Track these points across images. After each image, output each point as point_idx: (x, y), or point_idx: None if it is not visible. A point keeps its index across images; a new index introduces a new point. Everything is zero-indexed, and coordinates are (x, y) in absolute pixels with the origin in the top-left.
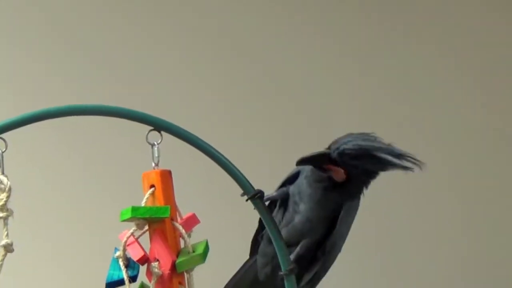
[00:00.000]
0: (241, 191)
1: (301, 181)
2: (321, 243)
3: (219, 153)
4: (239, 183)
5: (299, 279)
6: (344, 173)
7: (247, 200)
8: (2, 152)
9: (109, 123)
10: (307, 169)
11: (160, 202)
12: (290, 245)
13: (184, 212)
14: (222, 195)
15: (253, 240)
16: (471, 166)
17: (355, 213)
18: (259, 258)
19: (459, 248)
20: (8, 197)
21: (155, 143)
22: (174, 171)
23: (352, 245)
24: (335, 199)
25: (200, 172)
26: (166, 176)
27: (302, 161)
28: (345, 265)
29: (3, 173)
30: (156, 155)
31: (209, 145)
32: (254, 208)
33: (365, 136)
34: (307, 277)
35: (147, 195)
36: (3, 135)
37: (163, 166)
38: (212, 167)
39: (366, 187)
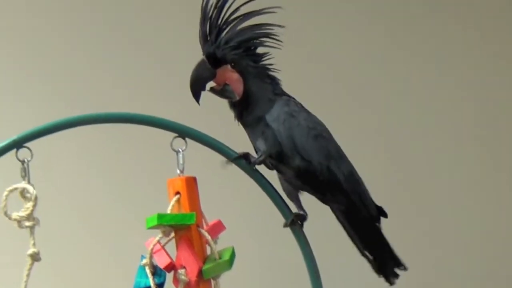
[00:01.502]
0: (266, 198)
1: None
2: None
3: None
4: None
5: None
6: (235, 71)
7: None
8: (28, 161)
9: (134, 130)
10: None
11: (185, 209)
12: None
13: (210, 218)
14: (247, 201)
15: None
16: None
17: (296, 107)
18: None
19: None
20: (34, 206)
21: (180, 150)
22: (199, 177)
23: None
24: (260, 116)
25: (225, 179)
26: (191, 183)
27: (193, 91)
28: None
29: (29, 182)
30: (181, 162)
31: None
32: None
33: None
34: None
35: (172, 202)
36: (28, 144)
37: (188, 173)
38: (237, 173)
39: (272, 82)
